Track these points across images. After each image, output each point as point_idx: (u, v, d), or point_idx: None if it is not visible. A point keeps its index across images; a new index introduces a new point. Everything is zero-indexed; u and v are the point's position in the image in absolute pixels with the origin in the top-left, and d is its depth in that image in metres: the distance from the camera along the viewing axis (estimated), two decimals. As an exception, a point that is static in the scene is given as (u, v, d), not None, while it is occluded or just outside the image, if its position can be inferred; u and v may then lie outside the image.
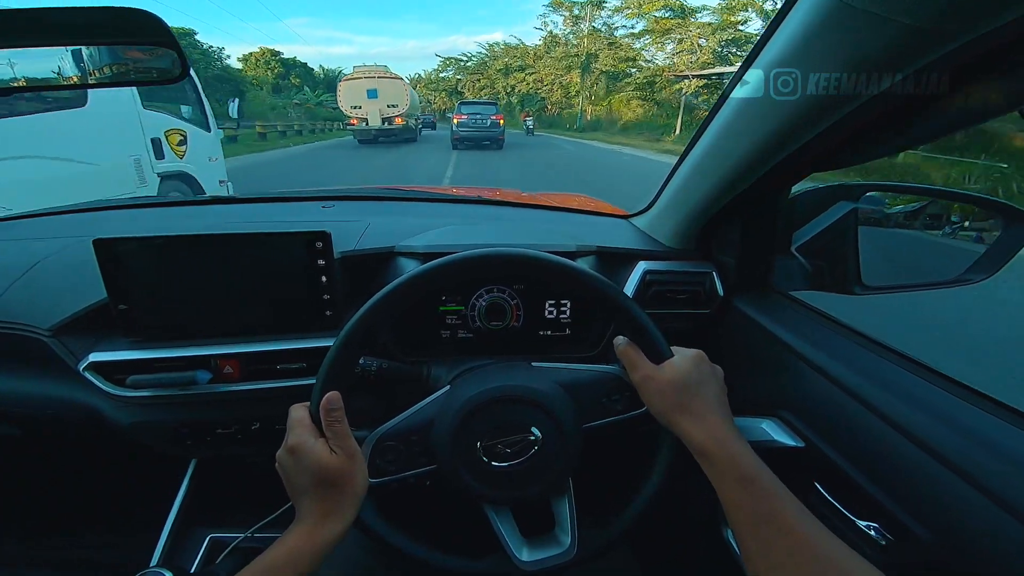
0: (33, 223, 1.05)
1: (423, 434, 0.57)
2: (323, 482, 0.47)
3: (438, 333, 0.82)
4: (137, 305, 0.73)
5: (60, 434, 0.87)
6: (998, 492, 0.42)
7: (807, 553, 0.40)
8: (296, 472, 0.48)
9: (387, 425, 0.57)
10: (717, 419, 0.50)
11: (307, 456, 0.47)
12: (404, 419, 0.58)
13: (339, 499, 0.48)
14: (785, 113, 0.50)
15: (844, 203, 0.75)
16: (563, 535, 0.59)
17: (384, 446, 0.56)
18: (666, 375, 0.53)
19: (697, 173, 0.72)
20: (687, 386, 0.52)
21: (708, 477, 0.48)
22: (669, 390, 0.52)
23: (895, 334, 0.69)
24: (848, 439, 0.58)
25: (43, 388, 0.77)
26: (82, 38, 0.64)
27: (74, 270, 0.79)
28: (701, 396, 0.51)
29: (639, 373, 0.55)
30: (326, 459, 0.47)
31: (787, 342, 0.68)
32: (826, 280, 0.78)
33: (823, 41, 0.42)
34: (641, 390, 0.55)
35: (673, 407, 0.52)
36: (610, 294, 0.56)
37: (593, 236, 0.89)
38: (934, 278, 0.83)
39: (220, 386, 0.75)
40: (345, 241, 0.82)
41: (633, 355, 0.56)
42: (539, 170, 11.20)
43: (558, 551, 0.58)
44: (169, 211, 1.12)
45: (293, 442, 0.49)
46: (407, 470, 0.56)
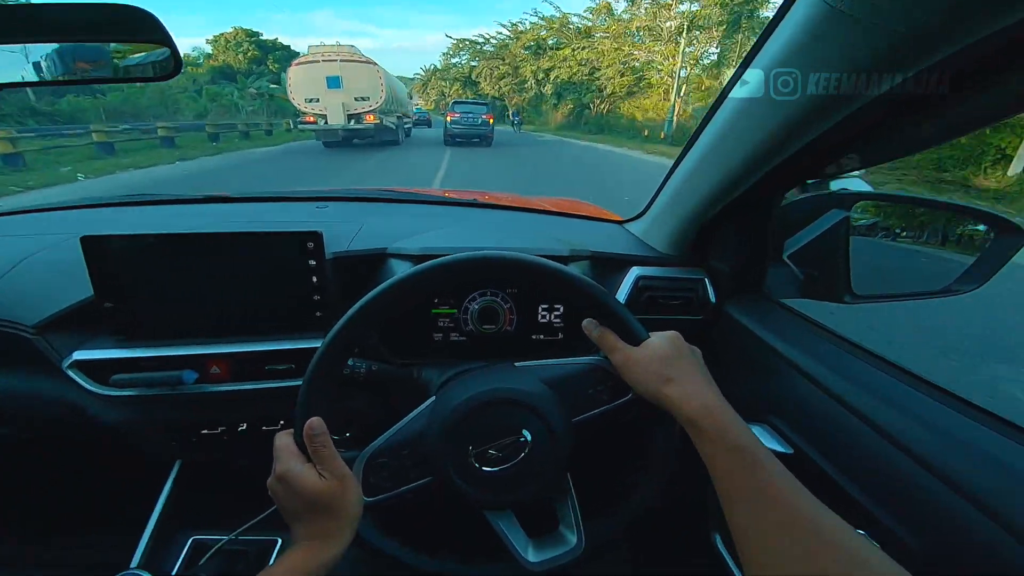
0: (20, 220, 1.04)
1: (414, 447, 0.56)
2: (314, 507, 0.47)
3: (430, 336, 0.81)
4: (124, 303, 0.72)
5: (44, 433, 0.85)
6: (987, 501, 0.42)
7: (799, 525, 0.39)
8: (287, 498, 0.48)
9: (377, 442, 0.56)
10: (703, 386, 0.50)
11: (295, 483, 0.47)
12: (393, 434, 0.57)
13: (333, 523, 0.47)
14: (781, 116, 0.51)
15: (836, 211, 0.76)
16: (569, 533, 0.59)
17: (376, 463, 0.55)
18: (646, 352, 0.53)
19: (692, 179, 0.72)
20: (667, 358, 0.52)
21: (697, 448, 0.47)
22: (651, 364, 0.52)
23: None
24: (837, 446, 0.58)
25: (29, 386, 0.76)
26: (78, 35, 0.64)
27: (61, 267, 0.78)
28: (684, 366, 0.51)
29: (619, 355, 0.55)
30: (314, 484, 0.47)
31: (777, 349, 0.68)
32: (817, 288, 0.78)
33: (817, 45, 0.42)
34: (623, 371, 0.55)
35: (657, 380, 0.51)
36: (578, 285, 0.55)
37: (587, 241, 0.89)
38: (924, 288, 0.84)
39: (207, 386, 0.74)
40: (338, 242, 0.82)
41: (611, 339, 0.56)
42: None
43: (565, 548, 0.58)
44: (159, 209, 1.10)
45: (281, 470, 0.48)
46: (403, 485, 0.56)
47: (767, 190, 0.67)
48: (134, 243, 0.69)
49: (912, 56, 0.38)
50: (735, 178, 0.63)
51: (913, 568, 0.34)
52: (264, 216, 1.04)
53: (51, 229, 0.92)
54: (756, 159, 0.58)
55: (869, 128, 0.50)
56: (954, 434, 0.48)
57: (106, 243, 0.68)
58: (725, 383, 0.53)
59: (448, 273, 0.53)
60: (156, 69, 0.70)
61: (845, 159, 0.60)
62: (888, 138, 0.53)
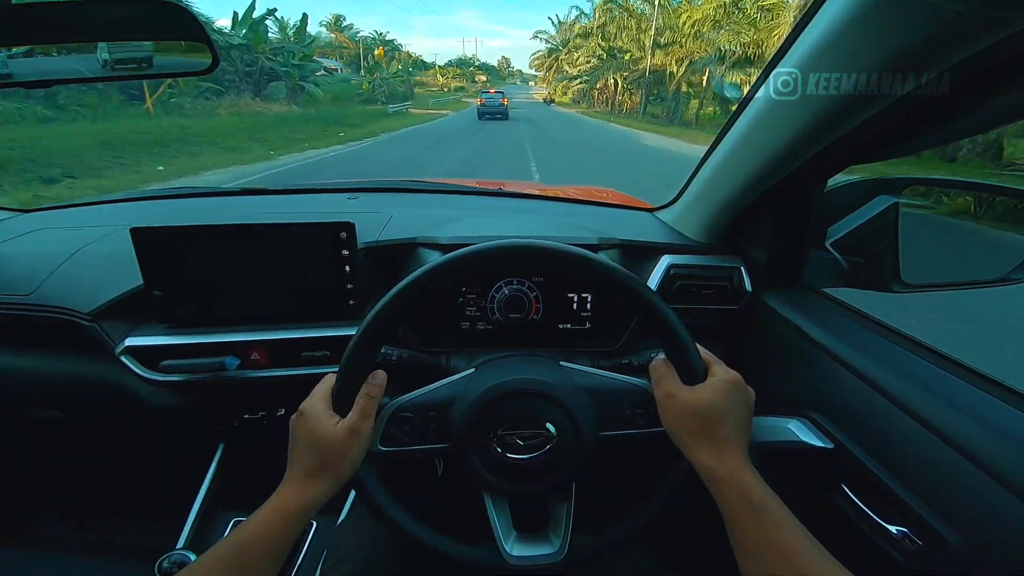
0: (76, 212, 1.10)
1: (441, 412, 0.57)
2: (316, 448, 0.50)
3: (458, 324, 0.82)
4: (171, 292, 0.75)
5: (96, 417, 0.91)
6: None
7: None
8: (298, 431, 0.52)
9: (407, 396, 0.57)
10: (733, 451, 0.49)
11: (311, 420, 0.51)
12: (425, 393, 0.58)
13: (325, 468, 0.50)
14: (821, 106, 0.48)
15: (884, 197, 0.72)
16: (555, 537, 0.58)
17: (400, 416, 0.56)
18: (691, 399, 0.51)
19: (727, 166, 0.69)
20: (710, 417, 0.50)
21: (716, 501, 0.48)
22: (688, 415, 0.50)
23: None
24: (879, 441, 0.56)
25: (83, 370, 0.81)
26: (112, 34, 0.66)
27: (113, 258, 0.82)
28: (724, 427, 0.49)
29: (663, 390, 0.53)
30: (324, 428, 0.50)
31: (817, 340, 0.66)
32: (863, 277, 0.75)
33: (858, 35, 0.40)
34: (661, 407, 0.53)
35: (690, 432, 0.50)
36: (654, 303, 0.53)
37: (616, 229, 0.88)
38: (978, 276, 0.79)
39: (248, 372, 0.77)
40: (368, 232, 0.83)
41: (663, 371, 0.54)
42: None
43: (547, 552, 0.57)
44: (202, 201, 1.15)
45: (304, 404, 0.53)
46: (418, 444, 0.57)
47: (805, 179, 0.64)
48: (180, 234, 0.72)
49: (958, 41, 0.36)
50: (773, 165, 0.61)
51: (951, 565, 0.33)
52: (298, 207, 1.07)
53: (104, 221, 0.97)
54: (793, 148, 0.56)
55: (910, 118, 0.47)
56: (1010, 430, 0.45)
57: (154, 234, 0.72)
58: (761, 376, 0.51)
59: (520, 258, 0.54)
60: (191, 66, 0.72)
61: (890, 146, 0.57)
62: (929, 127, 0.50)
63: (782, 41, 0.50)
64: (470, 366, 0.64)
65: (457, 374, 0.60)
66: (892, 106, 0.45)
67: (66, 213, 1.09)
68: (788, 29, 1.28)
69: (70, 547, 0.90)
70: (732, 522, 0.46)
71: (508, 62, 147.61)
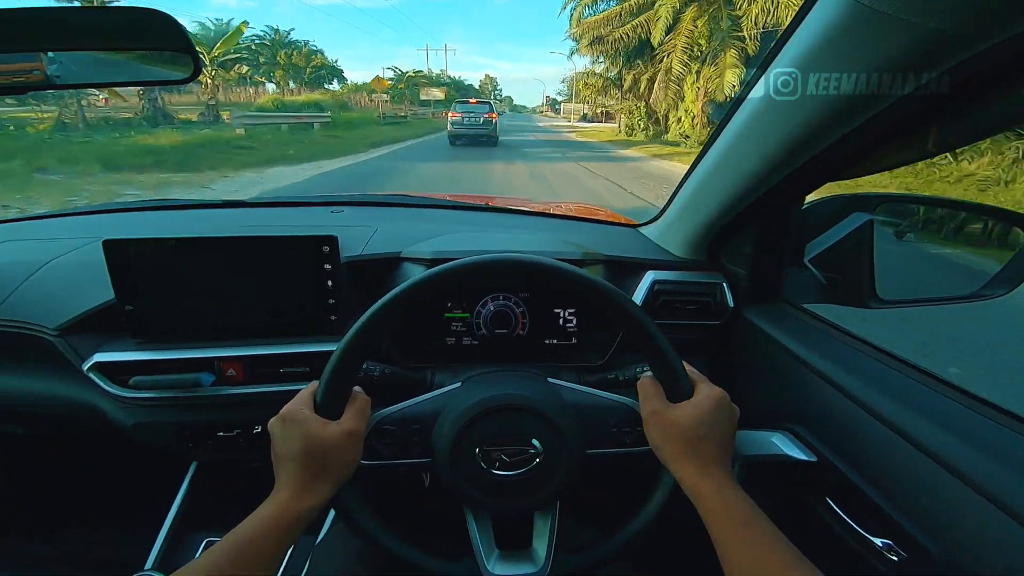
0: (47, 224, 1.06)
1: (425, 425, 0.56)
2: (311, 452, 0.47)
3: (443, 340, 0.81)
4: (144, 306, 0.73)
5: (63, 433, 0.87)
6: (1017, 508, 0.40)
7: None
8: (284, 439, 0.48)
9: (391, 409, 0.56)
10: (717, 469, 0.49)
11: (298, 425, 0.48)
12: (409, 406, 0.57)
13: (321, 474, 0.48)
14: (800, 119, 0.49)
15: (859, 214, 0.74)
16: (538, 555, 0.57)
17: (383, 429, 0.55)
18: (676, 416, 0.51)
19: (709, 182, 0.71)
20: (696, 434, 0.50)
21: (701, 517, 0.48)
22: (674, 432, 0.50)
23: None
24: (861, 453, 0.56)
25: (48, 387, 0.77)
26: (94, 41, 0.65)
27: (83, 271, 0.79)
28: (709, 444, 0.50)
29: (649, 407, 0.53)
30: (320, 430, 0.48)
31: (798, 354, 0.66)
32: (840, 293, 0.76)
33: (841, 44, 0.41)
34: (647, 424, 0.53)
35: (675, 449, 0.50)
36: (641, 320, 0.53)
37: (602, 245, 0.88)
38: (951, 292, 0.82)
39: (224, 389, 0.74)
40: (352, 246, 0.82)
41: (649, 388, 0.54)
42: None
43: (530, 570, 0.55)
44: (178, 214, 1.12)
45: (286, 410, 0.50)
46: (401, 458, 0.55)
47: (786, 194, 0.65)
48: (154, 247, 0.70)
49: (942, 54, 0.37)
50: (753, 182, 0.62)
51: (932, 573, 0.33)
52: (280, 220, 1.05)
53: (74, 233, 0.94)
54: (774, 163, 0.57)
55: (892, 130, 0.48)
56: (987, 441, 0.46)
57: (127, 247, 0.69)
58: (744, 389, 0.51)
59: (518, 270, 0.53)
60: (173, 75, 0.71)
61: (867, 162, 0.59)
62: (912, 140, 0.51)
63: (760, 61, 0.51)
64: (456, 381, 0.63)
65: (442, 388, 0.59)
66: (871, 120, 0.46)
67: (36, 225, 1.05)
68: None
69: (39, 562, 0.85)
70: (718, 538, 0.46)
71: (494, 83, 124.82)
